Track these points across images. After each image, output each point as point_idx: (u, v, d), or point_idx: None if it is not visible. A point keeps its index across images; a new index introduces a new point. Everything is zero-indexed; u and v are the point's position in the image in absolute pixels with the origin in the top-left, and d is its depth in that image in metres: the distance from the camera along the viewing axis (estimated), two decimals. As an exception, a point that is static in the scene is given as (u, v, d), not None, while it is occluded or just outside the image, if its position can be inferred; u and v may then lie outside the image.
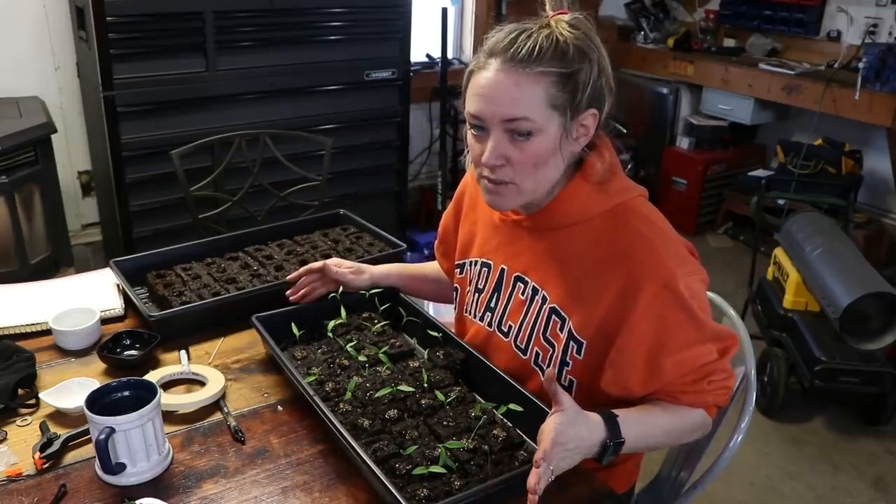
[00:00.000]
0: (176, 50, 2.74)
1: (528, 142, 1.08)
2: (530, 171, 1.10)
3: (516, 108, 1.06)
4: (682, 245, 1.14)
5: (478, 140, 1.12)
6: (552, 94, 1.06)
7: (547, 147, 1.09)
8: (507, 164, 1.09)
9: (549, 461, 0.94)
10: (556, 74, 1.05)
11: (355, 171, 3.33)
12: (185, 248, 1.71)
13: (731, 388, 1.17)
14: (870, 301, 2.41)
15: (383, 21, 3.19)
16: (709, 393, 1.12)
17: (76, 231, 3.24)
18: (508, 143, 1.08)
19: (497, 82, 1.06)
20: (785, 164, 3.82)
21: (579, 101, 1.08)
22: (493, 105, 1.07)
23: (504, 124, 1.07)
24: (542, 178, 1.12)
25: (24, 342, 1.39)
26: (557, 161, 1.12)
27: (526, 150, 1.08)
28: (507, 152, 1.08)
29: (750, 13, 4.17)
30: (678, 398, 1.12)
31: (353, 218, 1.93)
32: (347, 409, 1.15)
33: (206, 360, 1.38)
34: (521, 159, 1.08)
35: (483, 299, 1.32)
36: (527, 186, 1.12)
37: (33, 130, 2.50)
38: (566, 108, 1.07)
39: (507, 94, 1.06)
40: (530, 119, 1.06)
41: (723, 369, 1.13)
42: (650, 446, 1.15)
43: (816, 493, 2.33)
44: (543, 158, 1.09)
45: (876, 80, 3.30)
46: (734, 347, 1.14)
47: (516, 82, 1.05)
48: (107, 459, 1.03)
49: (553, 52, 1.05)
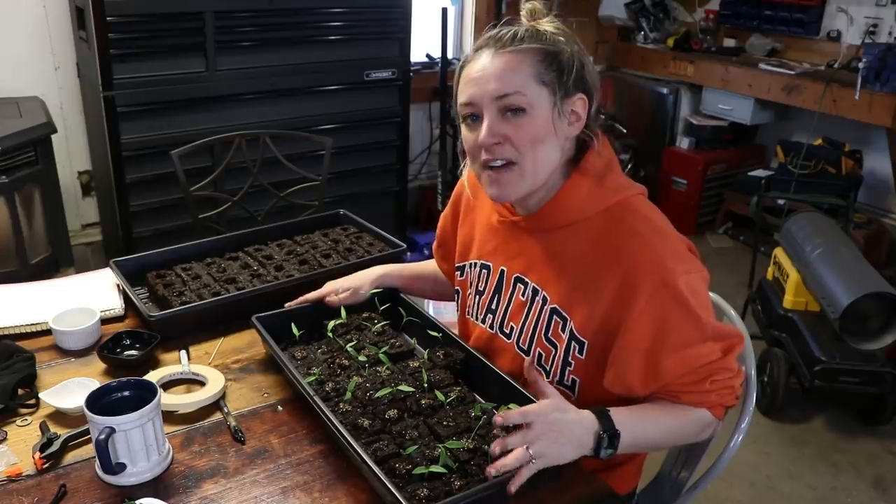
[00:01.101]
0: (176, 50, 2.75)
1: (521, 119, 1.10)
2: (529, 148, 1.11)
3: (506, 83, 1.09)
4: (681, 243, 1.13)
5: (472, 129, 1.14)
6: (539, 70, 1.10)
7: (540, 124, 1.10)
8: (504, 142, 1.10)
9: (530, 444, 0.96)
10: (540, 52, 1.10)
11: (355, 171, 3.33)
12: (185, 248, 1.71)
13: (738, 387, 1.15)
14: (870, 301, 2.41)
15: (383, 21, 3.20)
16: (712, 393, 1.11)
17: (76, 231, 3.24)
18: (503, 122, 1.10)
19: (485, 66, 1.11)
20: (785, 164, 3.82)
21: (566, 81, 1.11)
22: (483, 85, 1.10)
23: (496, 102, 1.10)
24: (540, 157, 1.12)
25: (24, 342, 1.39)
26: (554, 143, 1.13)
27: (521, 127, 1.10)
28: (502, 129, 1.10)
29: (750, 13, 4.17)
30: (679, 398, 1.11)
31: (353, 218, 1.93)
32: (347, 409, 1.15)
33: (206, 360, 1.38)
34: (518, 136, 1.10)
35: (484, 301, 1.32)
36: (527, 165, 1.12)
37: (33, 130, 2.50)
38: (554, 85, 1.11)
39: (496, 73, 1.10)
40: (521, 93, 1.09)
41: (727, 368, 1.12)
42: (649, 443, 1.13)
43: (816, 493, 2.33)
44: (540, 136, 1.11)
45: (876, 80, 3.30)
46: (739, 346, 1.13)
47: (504, 62, 1.10)
48: (107, 459, 1.03)
49: (534, 35, 1.12)
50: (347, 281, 1.48)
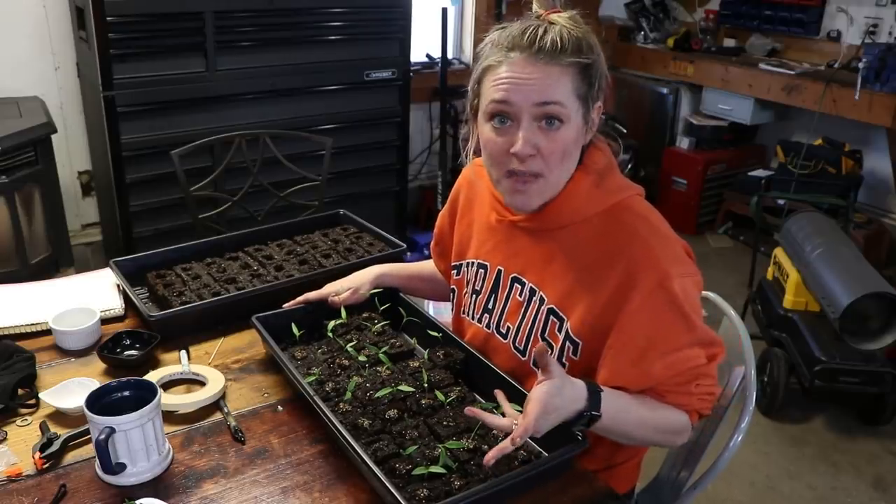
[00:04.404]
0: (176, 50, 2.74)
1: (556, 131, 1.08)
2: (558, 162, 1.10)
3: (550, 93, 1.07)
4: (678, 245, 1.14)
5: (500, 133, 1.11)
6: (577, 84, 1.08)
7: (573, 138, 1.10)
8: (537, 155, 1.09)
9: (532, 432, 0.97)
10: (580, 65, 1.08)
11: (355, 171, 3.33)
12: (185, 248, 1.71)
13: (716, 396, 1.16)
14: (870, 301, 2.41)
15: (383, 21, 3.20)
16: (695, 396, 1.12)
17: (76, 231, 3.24)
18: (538, 131, 1.08)
19: (526, 71, 1.07)
20: (785, 164, 3.82)
21: (596, 91, 1.11)
22: (524, 91, 1.07)
23: (537, 109, 1.07)
24: (565, 170, 1.13)
25: (24, 342, 1.39)
26: (576, 154, 1.14)
27: (555, 139, 1.08)
28: (537, 141, 1.08)
29: (750, 13, 4.17)
30: (665, 396, 1.11)
31: (353, 218, 1.93)
32: (347, 409, 1.15)
33: (206, 360, 1.38)
34: (551, 149, 1.09)
35: (481, 301, 1.32)
36: (553, 179, 1.12)
37: (33, 130, 2.50)
38: (587, 98, 1.10)
39: (539, 81, 1.07)
40: (564, 105, 1.07)
41: (710, 375, 1.12)
42: (625, 433, 1.12)
43: (816, 493, 2.33)
44: (569, 149, 1.11)
45: (876, 80, 3.30)
46: (721, 355, 1.13)
47: (547, 72, 1.07)
48: (107, 459, 1.03)
49: (574, 45, 1.08)
50: (347, 281, 1.48)
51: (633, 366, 1.09)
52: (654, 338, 1.08)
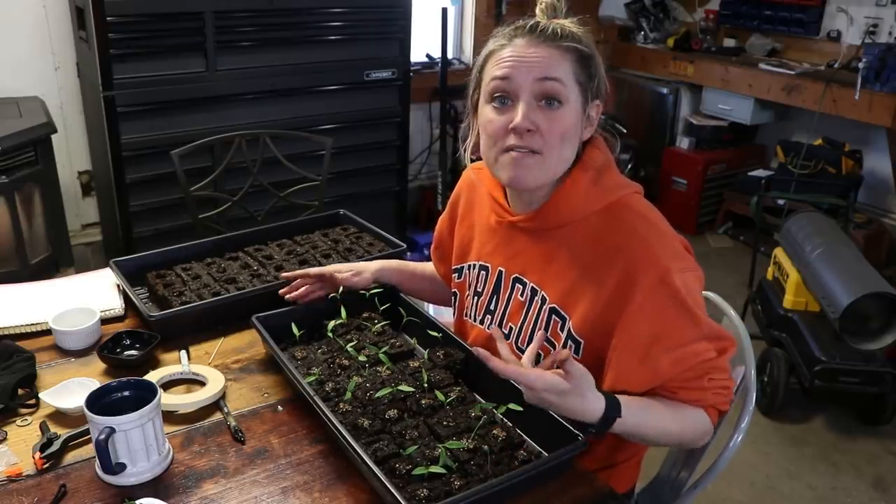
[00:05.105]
0: (176, 50, 2.74)
1: (556, 111, 1.10)
2: (556, 143, 1.11)
3: (551, 70, 1.09)
4: (677, 241, 1.14)
5: (500, 112, 1.12)
6: (576, 69, 1.11)
7: (571, 122, 1.12)
8: (536, 132, 1.10)
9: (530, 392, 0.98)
10: (579, 52, 1.11)
11: (355, 171, 3.33)
12: (185, 248, 1.71)
13: (731, 390, 1.15)
14: (870, 301, 2.41)
15: (383, 21, 3.19)
16: (708, 391, 1.11)
17: (76, 231, 3.24)
18: (538, 110, 1.10)
19: (528, 50, 1.11)
20: (785, 164, 3.82)
21: (595, 86, 1.14)
22: (525, 67, 1.09)
23: (537, 84, 1.09)
24: (563, 155, 1.13)
25: (24, 342, 1.39)
26: (574, 143, 1.14)
27: (554, 119, 1.10)
28: (537, 119, 1.10)
29: (750, 13, 4.17)
30: (677, 394, 1.11)
31: (353, 218, 1.93)
32: (347, 409, 1.15)
33: (206, 360, 1.38)
34: (550, 129, 1.10)
35: (482, 302, 1.32)
36: (551, 160, 1.12)
37: (33, 130, 2.50)
38: (586, 88, 1.13)
39: (540, 60, 1.10)
40: (563, 83, 1.09)
41: (722, 368, 1.12)
42: (641, 438, 1.12)
43: (816, 493, 2.33)
44: (568, 132, 1.12)
45: (876, 80, 3.30)
46: (732, 349, 1.13)
47: (548, 52, 1.10)
48: (107, 459, 1.03)
49: (573, 35, 1.12)
50: (349, 265, 1.49)
51: (640, 364, 1.09)
52: (659, 334, 1.08)
